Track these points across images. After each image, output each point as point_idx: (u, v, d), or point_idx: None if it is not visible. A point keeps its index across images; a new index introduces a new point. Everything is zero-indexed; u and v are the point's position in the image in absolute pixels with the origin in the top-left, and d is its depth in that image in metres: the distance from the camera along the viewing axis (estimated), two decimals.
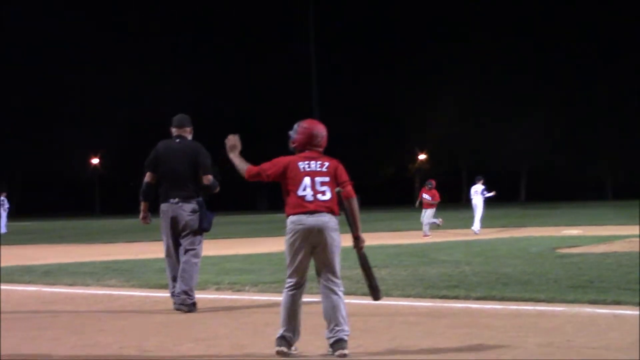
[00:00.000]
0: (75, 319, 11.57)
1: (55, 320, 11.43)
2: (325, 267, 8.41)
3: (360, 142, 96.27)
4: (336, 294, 8.38)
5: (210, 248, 26.17)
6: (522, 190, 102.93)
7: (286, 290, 8.49)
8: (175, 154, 12.17)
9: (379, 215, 56.98)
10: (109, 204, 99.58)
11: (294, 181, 8.48)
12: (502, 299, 12.04)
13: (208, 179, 12.11)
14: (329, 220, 8.39)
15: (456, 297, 12.41)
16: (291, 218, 8.43)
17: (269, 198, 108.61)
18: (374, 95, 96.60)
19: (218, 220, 13.68)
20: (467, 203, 34.09)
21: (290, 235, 8.43)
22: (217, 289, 14.44)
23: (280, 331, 8.38)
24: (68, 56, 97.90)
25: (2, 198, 49.60)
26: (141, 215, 12.27)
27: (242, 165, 8.76)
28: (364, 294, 12.25)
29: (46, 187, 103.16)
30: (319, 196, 8.42)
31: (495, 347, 8.55)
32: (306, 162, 8.53)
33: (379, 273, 16.10)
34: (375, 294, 8.65)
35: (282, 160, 8.61)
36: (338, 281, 8.43)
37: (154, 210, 12.15)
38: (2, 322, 11.33)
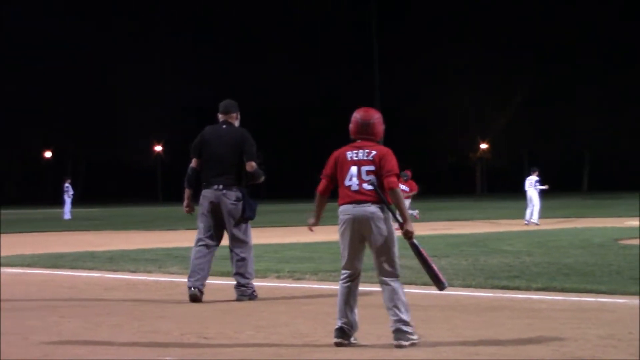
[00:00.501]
0: (136, 305, 11.69)
1: (117, 307, 11.56)
2: (378, 258, 8.30)
3: (421, 130, 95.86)
4: (390, 284, 8.29)
5: (271, 236, 26.30)
6: (585, 180, 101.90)
7: (341, 282, 8.46)
8: (220, 140, 12.00)
9: (439, 204, 56.78)
10: (171, 191, 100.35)
11: (341, 171, 8.42)
12: (562, 290, 11.96)
13: (251, 165, 11.91)
14: (374, 210, 8.25)
15: (517, 288, 12.35)
16: (340, 209, 8.40)
17: None
18: (435, 84, 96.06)
19: (279, 208, 13.75)
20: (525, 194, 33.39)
21: (340, 226, 8.40)
22: (278, 277, 14.51)
23: (338, 323, 8.33)
24: (132, 43, 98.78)
25: (66, 185, 50.23)
26: (185, 203, 12.10)
27: (317, 202, 8.80)
28: (424, 284, 12.29)
29: (110, 174, 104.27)
30: (365, 185, 8.29)
31: (556, 338, 8.49)
32: (354, 151, 8.43)
33: (439, 262, 16.06)
34: (437, 284, 8.51)
35: (333, 155, 8.57)
36: (392, 270, 8.30)
37: (195, 197, 12.11)
38: (65, 308, 11.49)
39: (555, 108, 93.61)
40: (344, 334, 8.30)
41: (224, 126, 12.13)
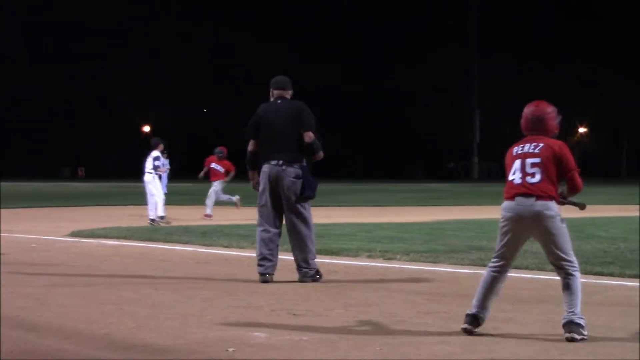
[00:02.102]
0: (228, 280, 11.81)
1: (210, 281, 11.70)
2: (547, 253, 8.01)
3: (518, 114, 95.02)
4: (566, 276, 7.93)
5: (365, 215, 26.33)
6: None
7: (489, 268, 8.20)
8: (277, 114, 11.57)
9: None
10: None
11: (508, 166, 8.10)
12: None
13: (309, 135, 11.41)
14: (539, 207, 7.86)
15: (611, 274, 12.19)
16: (503, 204, 8.04)
17: (425, 167, 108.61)
18: (532, 67, 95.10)
19: (374, 187, 13.58)
20: (629, 178, 32.70)
21: (501, 221, 8.05)
22: (369, 257, 14.52)
23: (472, 309, 8.05)
24: (236, 23, 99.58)
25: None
26: (252, 183, 11.85)
27: None
28: (515, 267, 12.19)
29: (208, 150, 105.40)
30: (528, 179, 7.92)
31: None
32: (521, 145, 8.08)
33: (533, 246, 15.90)
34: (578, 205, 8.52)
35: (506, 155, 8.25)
36: (564, 263, 7.91)
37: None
38: (159, 281, 11.68)
39: None
40: (475, 321, 8.01)
41: (279, 101, 11.71)
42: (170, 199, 40.73)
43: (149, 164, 24.59)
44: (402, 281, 11.89)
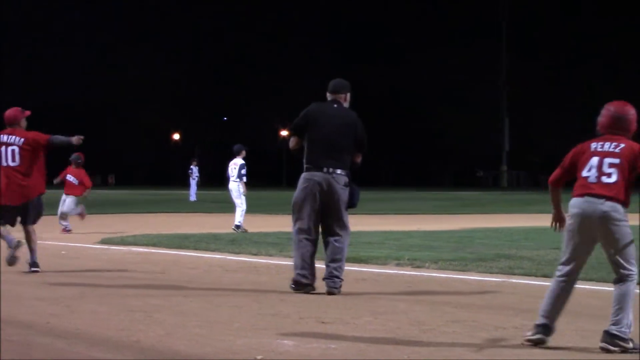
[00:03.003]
0: (257, 288, 11.82)
1: (238, 289, 11.72)
2: (608, 257, 7.78)
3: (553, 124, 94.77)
4: (622, 285, 7.70)
5: (393, 223, 26.29)
6: None
7: (556, 278, 7.91)
8: (332, 120, 11.13)
9: (564, 196, 55.84)
10: (295, 176, 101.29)
11: (581, 161, 7.82)
12: None
13: (359, 157, 11.36)
14: (608, 209, 7.61)
15: None
16: (571, 201, 7.78)
17: (454, 175, 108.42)
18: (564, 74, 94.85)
19: (402, 195, 13.54)
20: None
21: (568, 220, 7.79)
22: (398, 265, 14.51)
23: (540, 319, 7.80)
24: (260, 31, 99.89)
25: (192, 168, 51.07)
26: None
27: (550, 193, 8.20)
28: (543, 275, 12.19)
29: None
30: (604, 178, 7.65)
31: None
32: (600, 142, 7.80)
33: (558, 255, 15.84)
34: None
35: (573, 149, 8.00)
36: (622, 271, 7.68)
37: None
38: (189, 288, 11.71)
39: None
40: (545, 332, 7.75)
41: (335, 105, 11.30)
42: (200, 207, 40.88)
43: (234, 171, 23.58)
44: (430, 289, 11.87)
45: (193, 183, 50.16)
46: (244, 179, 23.37)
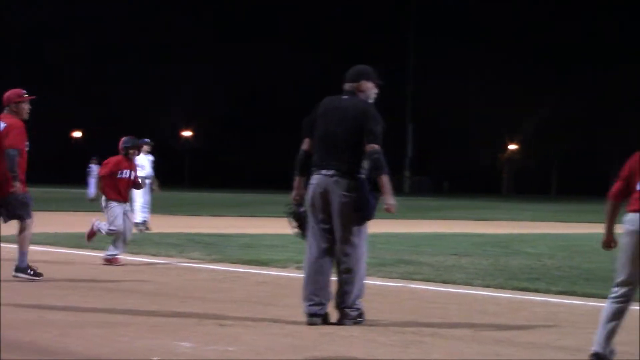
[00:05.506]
0: (156, 288, 11.72)
1: (137, 289, 11.61)
2: None
3: (456, 132, 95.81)
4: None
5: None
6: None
7: (610, 299, 7.26)
8: (335, 113, 9.32)
9: (466, 203, 56.66)
10: (199, 176, 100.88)
11: (635, 173, 7.12)
12: (583, 295, 11.87)
13: (372, 147, 9.05)
14: None
15: (536, 290, 12.29)
16: (626, 217, 7.09)
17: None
18: (463, 83, 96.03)
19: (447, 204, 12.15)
20: (558, 196, 33.11)
21: (623, 236, 7.10)
22: (298, 268, 14.46)
23: (595, 347, 7.16)
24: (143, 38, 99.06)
25: (91, 166, 50.77)
26: (294, 193, 9.47)
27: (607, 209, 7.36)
28: (443, 281, 12.33)
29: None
30: None
31: (574, 343, 8.46)
32: None
33: (460, 261, 16.07)
34: None
35: (635, 154, 7.23)
36: None
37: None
38: (86, 288, 11.55)
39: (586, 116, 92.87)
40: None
41: (346, 97, 9.46)
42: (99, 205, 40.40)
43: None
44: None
45: (92, 181, 49.63)
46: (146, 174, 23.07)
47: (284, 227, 10.43)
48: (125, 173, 15.21)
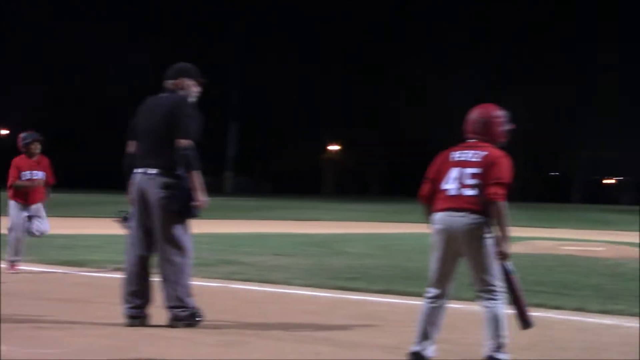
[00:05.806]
0: None
1: None
2: (475, 275, 7.30)
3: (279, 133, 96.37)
4: (488, 304, 7.25)
5: (113, 227, 25.92)
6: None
7: (426, 301, 7.42)
8: (152, 111, 9.18)
9: (287, 203, 57.01)
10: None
11: (441, 173, 7.28)
12: (402, 293, 12.07)
13: (181, 142, 8.88)
14: (471, 222, 7.12)
15: (356, 289, 12.44)
16: (434, 216, 7.29)
17: None
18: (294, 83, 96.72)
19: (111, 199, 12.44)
20: (379, 196, 33.64)
21: (432, 236, 7.31)
22: (116, 269, 14.28)
23: (415, 346, 7.33)
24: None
25: None
26: (129, 197, 9.24)
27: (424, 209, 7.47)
28: (264, 281, 12.35)
29: None
30: (465, 191, 7.14)
31: (392, 340, 8.58)
32: (462, 151, 7.28)
33: (283, 261, 16.14)
34: (521, 321, 7.28)
35: (438, 155, 7.44)
36: (489, 287, 7.24)
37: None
38: None
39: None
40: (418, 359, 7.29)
41: (165, 94, 9.33)
42: None
43: None
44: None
45: None
46: None
47: (103, 227, 10.22)
48: None
